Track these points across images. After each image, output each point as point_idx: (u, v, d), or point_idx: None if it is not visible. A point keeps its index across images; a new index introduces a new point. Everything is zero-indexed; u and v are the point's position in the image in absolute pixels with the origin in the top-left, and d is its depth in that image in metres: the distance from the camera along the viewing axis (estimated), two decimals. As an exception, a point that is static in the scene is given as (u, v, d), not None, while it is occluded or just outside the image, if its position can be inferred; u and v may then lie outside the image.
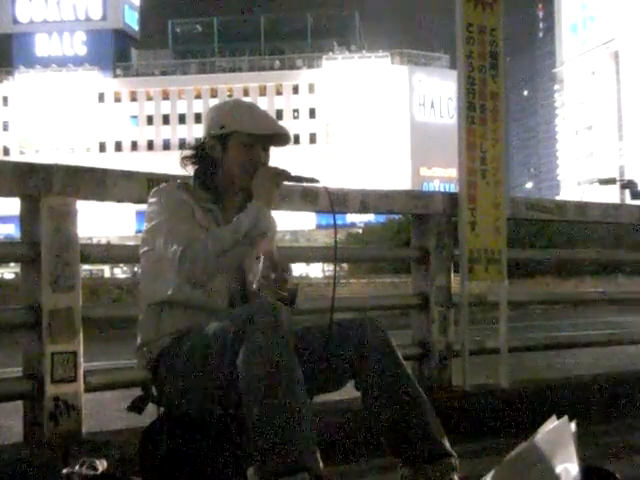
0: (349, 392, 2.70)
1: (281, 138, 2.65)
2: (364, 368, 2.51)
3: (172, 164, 2.74)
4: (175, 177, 3.48)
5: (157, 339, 2.52)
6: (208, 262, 2.38)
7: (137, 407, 2.55)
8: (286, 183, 2.59)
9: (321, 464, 2.24)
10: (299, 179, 2.60)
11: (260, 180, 2.50)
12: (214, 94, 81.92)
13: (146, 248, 2.57)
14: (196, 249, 2.38)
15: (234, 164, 2.59)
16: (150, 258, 2.56)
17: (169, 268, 2.43)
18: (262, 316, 2.30)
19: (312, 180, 2.60)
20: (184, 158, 2.67)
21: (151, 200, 2.58)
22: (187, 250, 2.38)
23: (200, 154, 2.65)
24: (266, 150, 2.63)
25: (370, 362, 2.51)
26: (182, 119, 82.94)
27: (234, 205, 2.62)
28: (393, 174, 74.69)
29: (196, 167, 2.66)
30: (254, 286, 2.68)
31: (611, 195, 51.87)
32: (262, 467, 2.21)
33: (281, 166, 2.60)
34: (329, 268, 33.22)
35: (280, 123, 2.69)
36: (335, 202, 4.09)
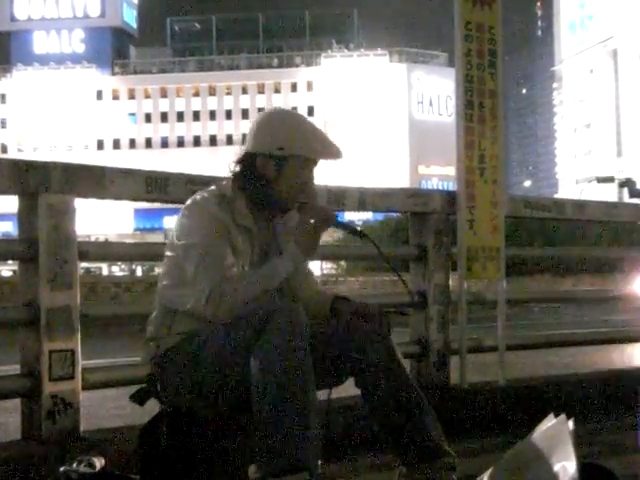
0: (348, 390, 2.70)
1: (337, 155, 2.61)
2: (364, 365, 2.51)
3: (170, 162, 2.71)
4: (174, 175, 3.48)
5: (167, 336, 2.52)
6: (236, 306, 2.37)
7: (139, 398, 2.55)
8: None
9: (319, 466, 2.26)
10: (345, 227, 2.57)
11: (307, 225, 2.47)
12: (212, 92, 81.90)
13: (173, 254, 2.52)
14: (226, 293, 2.36)
15: (290, 187, 2.54)
16: (175, 265, 2.51)
17: (194, 301, 2.40)
18: (280, 317, 2.30)
19: (358, 233, 2.57)
20: (234, 172, 2.59)
21: (185, 212, 2.51)
22: (216, 293, 2.35)
23: (250, 170, 2.56)
24: (314, 172, 2.61)
25: (370, 360, 2.51)
26: (180, 117, 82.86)
27: (271, 227, 2.60)
28: (391, 172, 74.67)
29: (243, 180, 2.56)
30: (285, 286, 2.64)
31: (609, 193, 51.87)
32: (264, 465, 2.22)
33: (330, 210, 2.57)
34: (327, 266, 33.20)
35: (331, 140, 2.63)
36: (333, 200, 4.10)
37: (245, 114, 78.21)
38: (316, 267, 38.42)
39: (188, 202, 2.54)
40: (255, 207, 2.55)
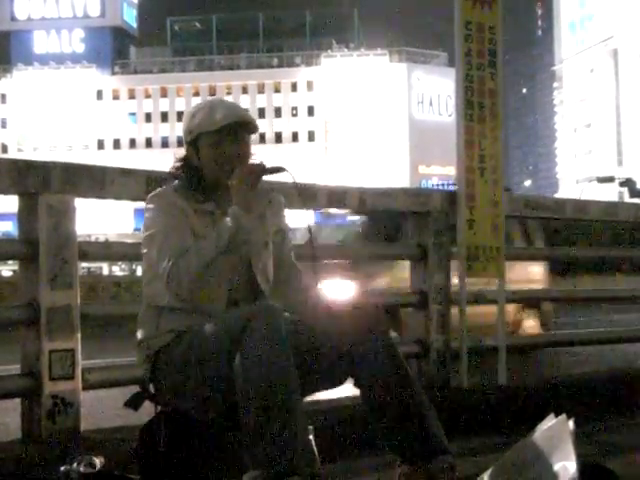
0: (346, 389, 2.70)
1: (247, 125, 2.62)
2: (364, 365, 2.51)
3: (170, 162, 2.73)
4: (175, 175, 3.48)
5: (156, 336, 2.52)
6: (192, 278, 2.39)
7: (134, 403, 2.56)
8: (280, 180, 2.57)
9: (318, 465, 2.26)
10: (270, 171, 2.56)
11: (235, 183, 2.49)
12: (212, 92, 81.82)
13: (145, 250, 2.56)
14: (181, 266, 2.39)
15: (209, 165, 2.59)
16: (147, 260, 2.56)
17: (161, 285, 2.44)
18: (259, 321, 2.29)
19: (279, 169, 2.56)
20: (172, 171, 2.68)
21: (148, 206, 2.59)
22: (173, 268, 2.40)
23: (184, 162, 2.66)
24: (238, 142, 2.60)
25: (370, 359, 2.50)
26: (181, 117, 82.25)
27: (228, 201, 2.59)
28: (392, 172, 74.63)
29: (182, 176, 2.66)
30: (266, 279, 2.66)
31: (609, 193, 51.87)
32: (256, 474, 2.23)
33: (256, 161, 2.59)
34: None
35: (240, 109, 2.65)
36: (334, 200, 4.11)
37: (245, 114, 78.07)
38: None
39: (149, 196, 2.62)
40: (206, 192, 2.60)
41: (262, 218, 2.65)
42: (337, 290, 5.80)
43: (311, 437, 2.52)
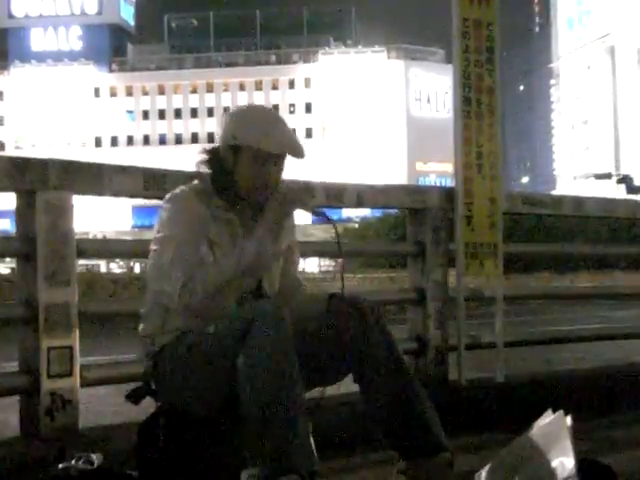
0: (344, 386, 2.71)
1: (296, 153, 2.57)
2: (363, 361, 2.51)
3: (168, 159, 2.73)
4: (172, 172, 3.48)
5: (162, 333, 2.52)
6: (207, 294, 2.37)
7: (135, 397, 2.56)
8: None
9: (316, 464, 2.26)
10: (313, 212, 2.54)
11: (276, 210, 2.46)
12: (210, 89, 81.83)
13: (155, 248, 2.52)
14: (197, 282, 2.36)
15: (244, 178, 2.53)
16: (155, 259, 2.51)
17: (171, 291, 2.41)
18: (264, 320, 2.29)
19: (322, 215, 2.55)
20: (199, 162, 2.61)
21: (165, 205, 2.53)
22: (189, 283, 2.36)
23: (214, 159, 2.58)
24: (278, 165, 2.56)
25: (369, 355, 2.51)
26: (178, 114, 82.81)
27: (249, 214, 2.57)
28: (389, 169, 74.69)
29: (210, 172, 2.59)
30: (272, 288, 2.65)
31: (607, 190, 51.93)
32: (256, 471, 2.23)
33: (297, 193, 2.58)
34: (324, 263, 33.23)
35: (294, 138, 2.61)
36: (331, 196, 4.11)
37: (243, 111, 78.04)
38: (314, 264, 38.44)
39: (167, 196, 2.56)
40: (223, 196, 2.55)
41: (278, 231, 2.57)
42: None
43: (309, 434, 2.52)
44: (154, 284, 2.54)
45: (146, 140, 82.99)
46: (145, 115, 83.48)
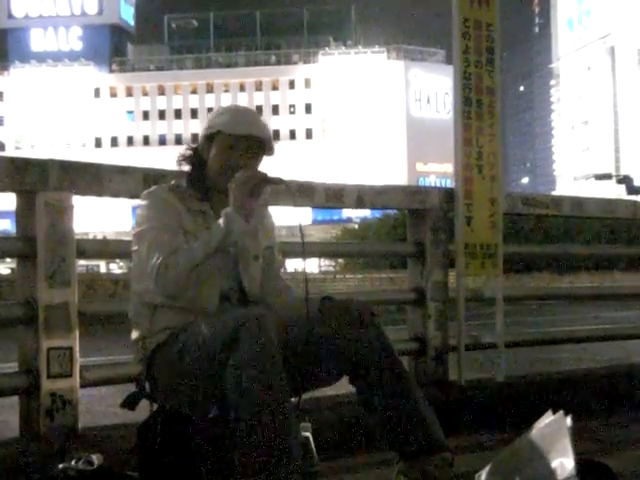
0: (344, 387, 2.71)
1: (264, 144, 2.62)
2: (358, 363, 2.51)
3: (168, 159, 2.75)
4: (172, 172, 3.48)
5: (151, 335, 2.53)
6: (180, 277, 2.40)
7: (130, 403, 2.56)
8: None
9: (316, 464, 2.26)
10: (271, 181, 2.54)
11: (234, 187, 2.47)
12: (210, 89, 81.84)
13: (136, 247, 2.57)
14: (170, 264, 2.40)
15: (214, 163, 2.60)
16: (136, 256, 2.57)
17: (151, 275, 2.44)
18: (250, 327, 2.29)
19: (280, 182, 2.55)
20: (180, 158, 2.70)
21: (142, 203, 2.60)
22: (162, 265, 2.40)
23: (194, 155, 2.68)
24: (252, 157, 2.60)
25: (365, 357, 2.50)
26: (178, 114, 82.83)
27: (224, 206, 2.58)
28: (389, 169, 74.71)
29: (189, 167, 2.68)
30: (254, 288, 2.66)
31: (607, 190, 51.92)
32: None
33: (263, 169, 2.58)
34: (325, 263, 33.21)
35: (264, 126, 2.66)
36: (331, 197, 4.11)
37: (243, 111, 78.06)
38: (314, 265, 38.42)
39: (143, 194, 2.63)
40: (197, 188, 2.62)
41: (255, 231, 2.65)
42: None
43: (309, 435, 2.52)
44: (137, 285, 2.58)
45: (146, 140, 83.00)
46: (145, 115, 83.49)
